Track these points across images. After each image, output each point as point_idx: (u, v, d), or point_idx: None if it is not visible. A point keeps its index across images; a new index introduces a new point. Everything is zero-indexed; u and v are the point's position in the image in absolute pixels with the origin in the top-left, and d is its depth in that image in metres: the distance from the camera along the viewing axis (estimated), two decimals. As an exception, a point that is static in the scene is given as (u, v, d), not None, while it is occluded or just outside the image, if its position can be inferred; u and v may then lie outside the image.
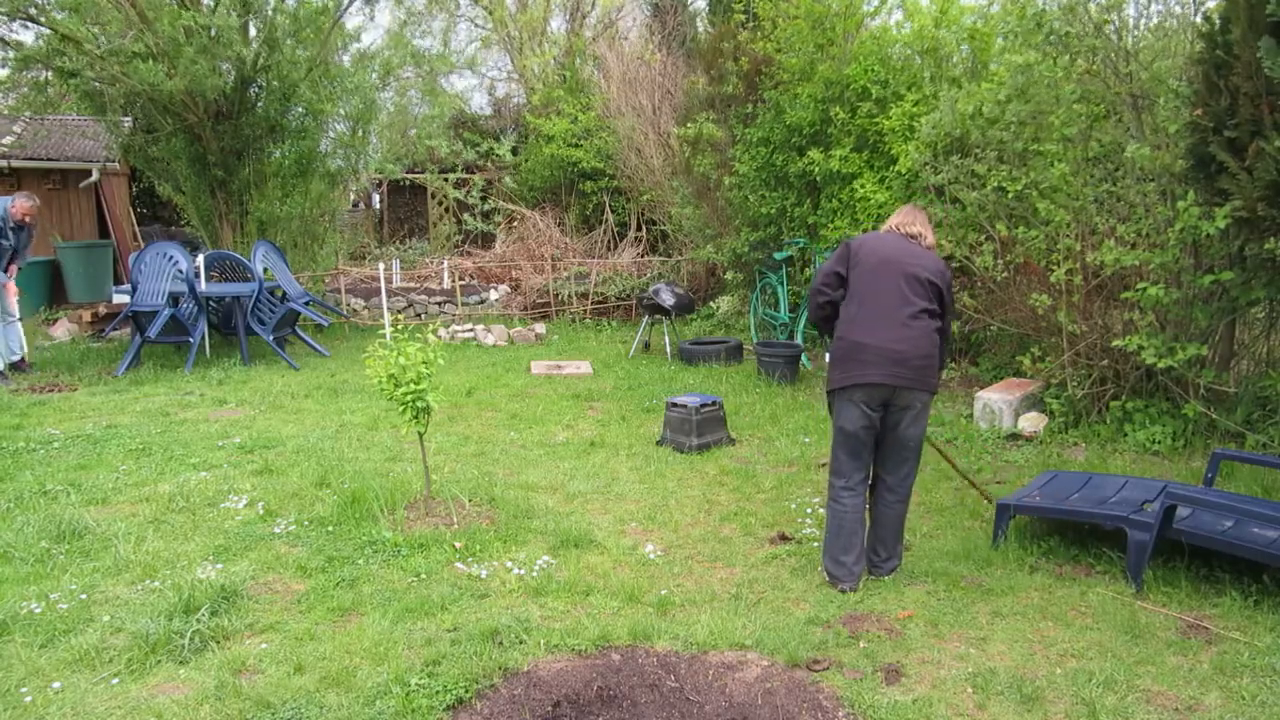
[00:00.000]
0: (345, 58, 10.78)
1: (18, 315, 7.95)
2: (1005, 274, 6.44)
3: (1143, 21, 6.28)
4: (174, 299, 8.28)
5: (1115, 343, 5.55)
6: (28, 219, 7.71)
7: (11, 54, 9.09)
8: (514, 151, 15.27)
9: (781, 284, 8.86)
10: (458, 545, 4.04)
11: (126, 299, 8.49)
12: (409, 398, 4.20)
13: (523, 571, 3.82)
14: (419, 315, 11.37)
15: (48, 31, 8.81)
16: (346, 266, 12.60)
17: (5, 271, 7.81)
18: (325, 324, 10.00)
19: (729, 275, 10.10)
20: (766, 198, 8.81)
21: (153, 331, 7.94)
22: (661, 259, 12.18)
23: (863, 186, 7.68)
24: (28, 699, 2.85)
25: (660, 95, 12.75)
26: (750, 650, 3.18)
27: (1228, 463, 4.83)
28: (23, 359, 7.99)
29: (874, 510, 3.88)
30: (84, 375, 7.90)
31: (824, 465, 5.46)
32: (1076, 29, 5.63)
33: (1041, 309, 5.97)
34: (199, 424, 6.32)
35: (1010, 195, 6.19)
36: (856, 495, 3.76)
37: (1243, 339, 5.90)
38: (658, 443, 5.90)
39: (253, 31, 9.59)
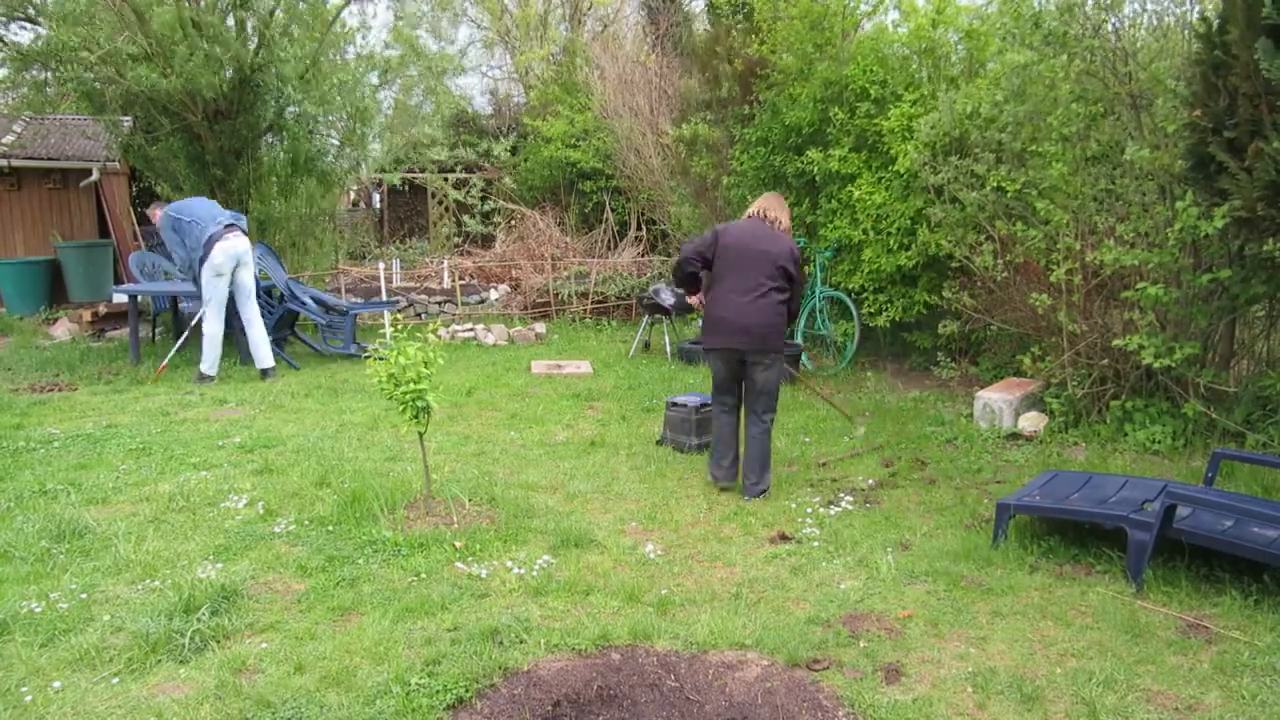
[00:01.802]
0: (350, 52, 10.76)
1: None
2: (1005, 274, 6.44)
3: (1141, 20, 6.28)
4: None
5: (1115, 342, 5.55)
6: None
7: (10, 54, 9.09)
8: (513, 151, 15.28)
9: (781, 284, 8.85)
10: (458, 545, 4.04)
11: (125, 298, 8.48)
12: (409, 397, 4.19)
13: (523, 571, 3.82)
14: (419, 315, 11.37)
15: (45, 32, 8.81)
16: (346, 266, 12.61)
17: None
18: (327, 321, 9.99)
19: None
20: (766, 197, 8.81)
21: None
22: (662, 258, 12.17)
23: (860, 187, 7.68)
24: (28, 698, 2.85)
25: (657, 96, 12.75)
26: (750, 650, 3.18)
27: (1228, 462, 4.83)
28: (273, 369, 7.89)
29: (746, 443, 4.88)
30: (84, 375, 7.90)
31: (824, 464, 5.47)
32: (1074, 29, 5.63)
33: (1041, 309, 5.97)
34: (199, 423, 6.32)
35: (1009, 195, 6.19)
36: (730, 414, 4.93)
37: (1242, 338, 5.90)
38: (658, 442, 5.90)
39: (250, 29, 9.59)
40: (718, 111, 9.81)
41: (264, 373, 7.87)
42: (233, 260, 7.60)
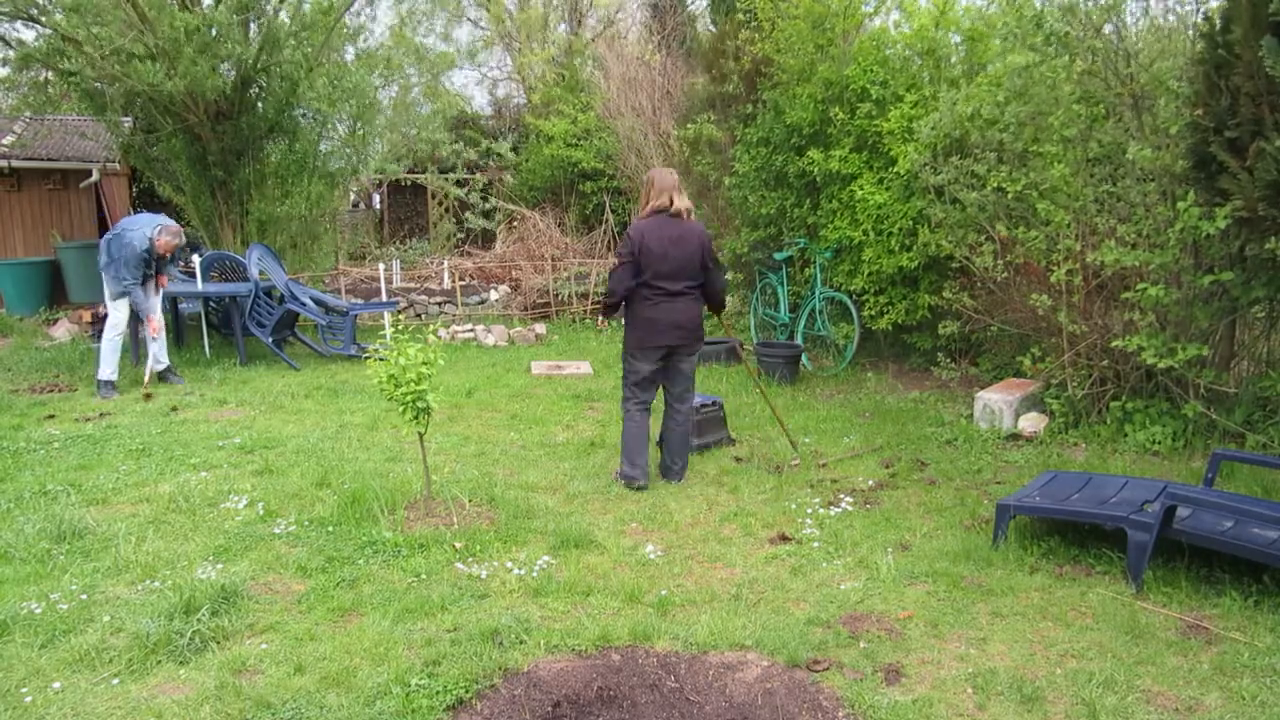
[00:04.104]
0: (349, 54, 10.76)
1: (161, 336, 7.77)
2: (1005, 274, 6.43)
3: (1142, 20, 6.28)
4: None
5: (1115, 343, 5.55)
6: (167, 254, 7.55)
7: (12, 53, 9.09)
8: (514, 150, 15.30)
9: (781, 284, 8.86)
10: (458, 545, 4.04)
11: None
12: (409, 398, 4.20)
13: (523, 572, 3.82)
14: (419, 315, 11.37)
15: (49, 31, 8.81)
16: (347, 266, 12.61)
17: (155, 289, 7.75)
18: (323, 320, 10.00)
19: (729, 275, 10.10)
20: (766, 198, 8.81)
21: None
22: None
23: (861, 188, 7.68)
24: (28, 699, 2.85)
25: (659, 96, 12.75)
26: (750, 650, 3.18)
27: (1228, 463, 4.83)
28: (169, 367, 7.77)
29: (665, 431, 5.18)
30: (84, 375, 7.90)
31: (824, 465, 5.46)
32: (1076, 30, 5.62)
33: (1042, 309, 5.96)
34: (199, 424, 6.32)
35: (1010, 196, 6.19)
36: (645, 412, 5.07)
37: (1243, 339, 5.89)
38: (658, 443, 5.89)
39: (253, 30, 9.59)
40: (721, 110, 9.81)
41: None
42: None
